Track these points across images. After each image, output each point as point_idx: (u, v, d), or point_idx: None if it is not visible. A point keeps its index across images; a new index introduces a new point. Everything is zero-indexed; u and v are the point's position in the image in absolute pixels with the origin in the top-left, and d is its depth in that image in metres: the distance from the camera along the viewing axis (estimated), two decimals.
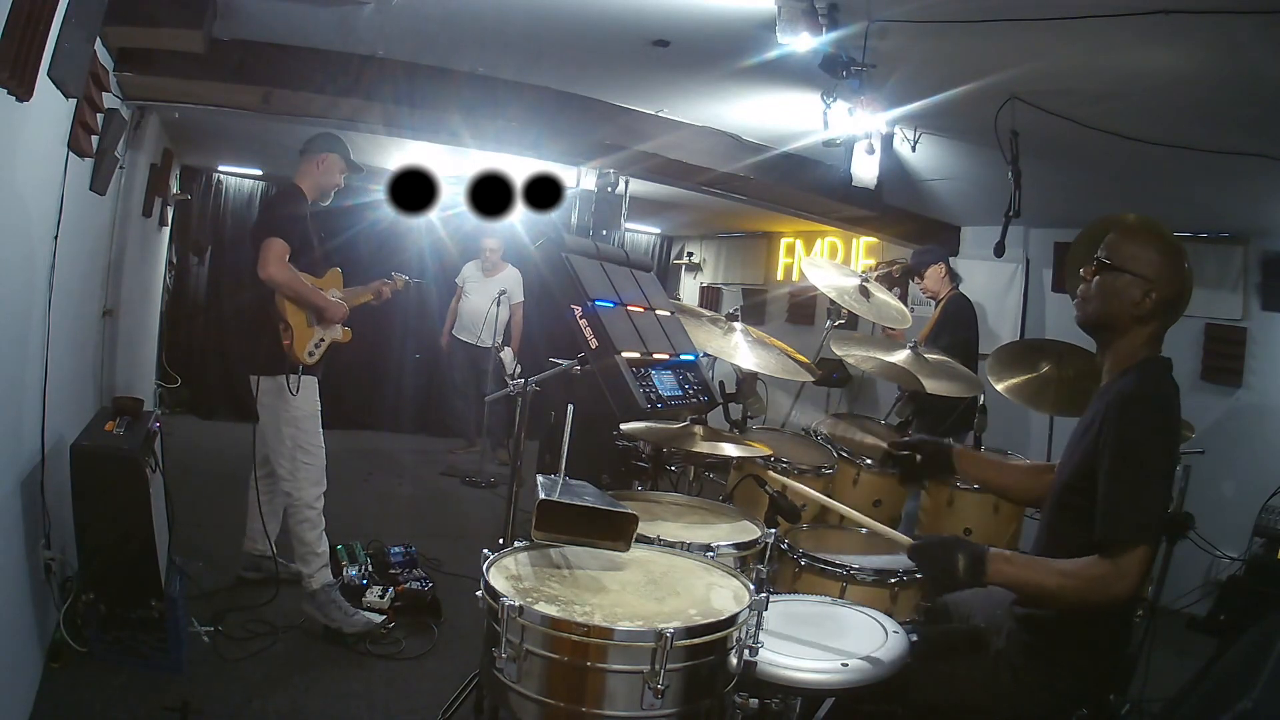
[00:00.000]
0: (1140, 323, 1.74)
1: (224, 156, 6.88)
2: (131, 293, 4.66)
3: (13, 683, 2.30)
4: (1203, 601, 4.19)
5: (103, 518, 2.61)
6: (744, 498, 2.77)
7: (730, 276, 8.59)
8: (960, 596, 2.19)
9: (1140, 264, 1.74)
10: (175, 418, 6.49)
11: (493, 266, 6.50)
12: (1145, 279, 1.72)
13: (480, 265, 6.57)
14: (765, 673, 1.55)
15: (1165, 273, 1.73)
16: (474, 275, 6.59)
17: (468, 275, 6.62)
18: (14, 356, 2.31)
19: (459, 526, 4.99)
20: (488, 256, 6.49)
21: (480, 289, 6.46)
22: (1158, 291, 1.72)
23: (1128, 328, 1.76)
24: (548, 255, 2.18)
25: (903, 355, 3.29)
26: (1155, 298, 1.72)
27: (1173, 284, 1.73)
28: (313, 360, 3.24)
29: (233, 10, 3.14)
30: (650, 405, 2.12)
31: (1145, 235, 1.79)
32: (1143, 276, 1.73)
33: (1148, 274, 1.73)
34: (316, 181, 3.36)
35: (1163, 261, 1.74)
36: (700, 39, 3.11)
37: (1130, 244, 1.77)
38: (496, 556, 1.71)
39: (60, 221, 2.60)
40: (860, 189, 3.45)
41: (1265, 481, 4.06)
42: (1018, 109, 3.25)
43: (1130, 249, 1.76)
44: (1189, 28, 2.45)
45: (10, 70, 1.85)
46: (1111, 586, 1.58)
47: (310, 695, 2.80)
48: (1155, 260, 1.73)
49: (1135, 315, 1.74)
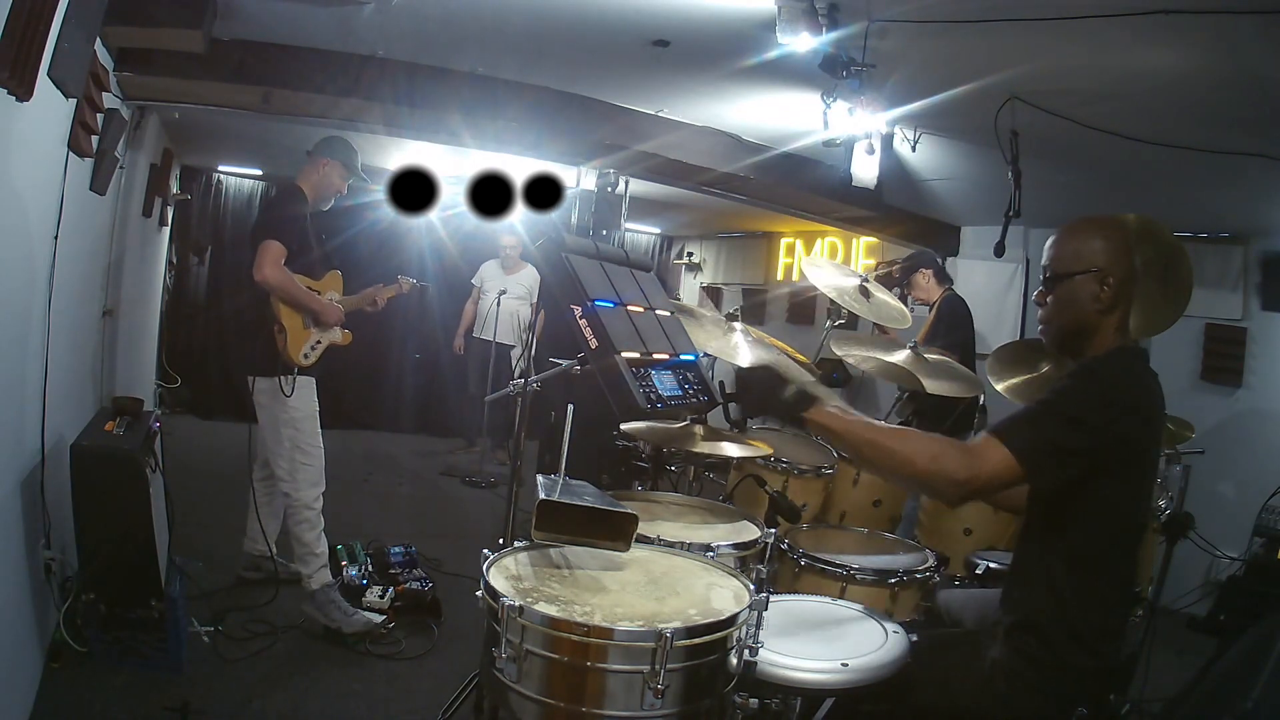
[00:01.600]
0: (1105, 314, 1.71)
1: (224, 156, 6.88)
2: (131, 293, 4.66)
3: (13, 683, 2.30)
4: (1203, 601, 4.20)
5: (103, 518, 2.61)
6: (744, 498, 2.78)
7: (730, 276, 8.59)
8: (956, 598, 2.19)
9: (1084, 259, 1.70)
10: (175, 418, 6.49)
11: (513, 264, 6.46)
12: (1095, 269, 1.68)
13: (501, 263, 6.53)
14: (765, 673, 1.55)
15: (1111, 255, 1.69)
16: (494, 274, 6.52)
17: (486, 275, 6.55)
18: (14, 356, 2.31)
19: (459, 526, 4.99)
20: (508, 254, 6.44)
21: (501, 287, 6.37)
22: (1113, 275, 1.68)
23: (1096, 325, 1.72)
24: (548, 255, 2.18)
25: (903, 355, 3.29)
26: (1112, 282, 1.68)
27: (1121, 263, 1.69)
28: (308, 362, 3.24)
29: (233, 10, 3.14)
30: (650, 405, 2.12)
31: (1076, 230, 1.75)
32: (1092, 269, 1.69)
33: (1096, 264, 1.69)
34: (316, 185, 3.36)
35: (1105, 246, 1.70)
36: (700, 39, 3.11)
37: (1068, 244, 1.73)
38: (496, 556, 1.71)
39: (60, 221, 2.60)
40: (860, 189, 3.45)
41: (1265, 481, 4.06)
42: (1018, 109, 3.25)
43: (1070, 248, 1.72)
44: (1189, 28, 2.45)
45: (10, 70, 1.85)
46: (953, 466, 1.53)
47: (310, 695, 2.80)
48: (1099, 247, 1.70)
49: (1098, 309, 1.70)
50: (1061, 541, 1.68)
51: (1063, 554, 1.67)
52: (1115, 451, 1.60)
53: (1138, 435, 1.64)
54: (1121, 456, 1.62)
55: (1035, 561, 1.74)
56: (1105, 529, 1.66)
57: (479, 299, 6.53)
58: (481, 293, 6.52)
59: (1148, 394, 1.69)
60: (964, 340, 4.47)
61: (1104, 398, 1.60)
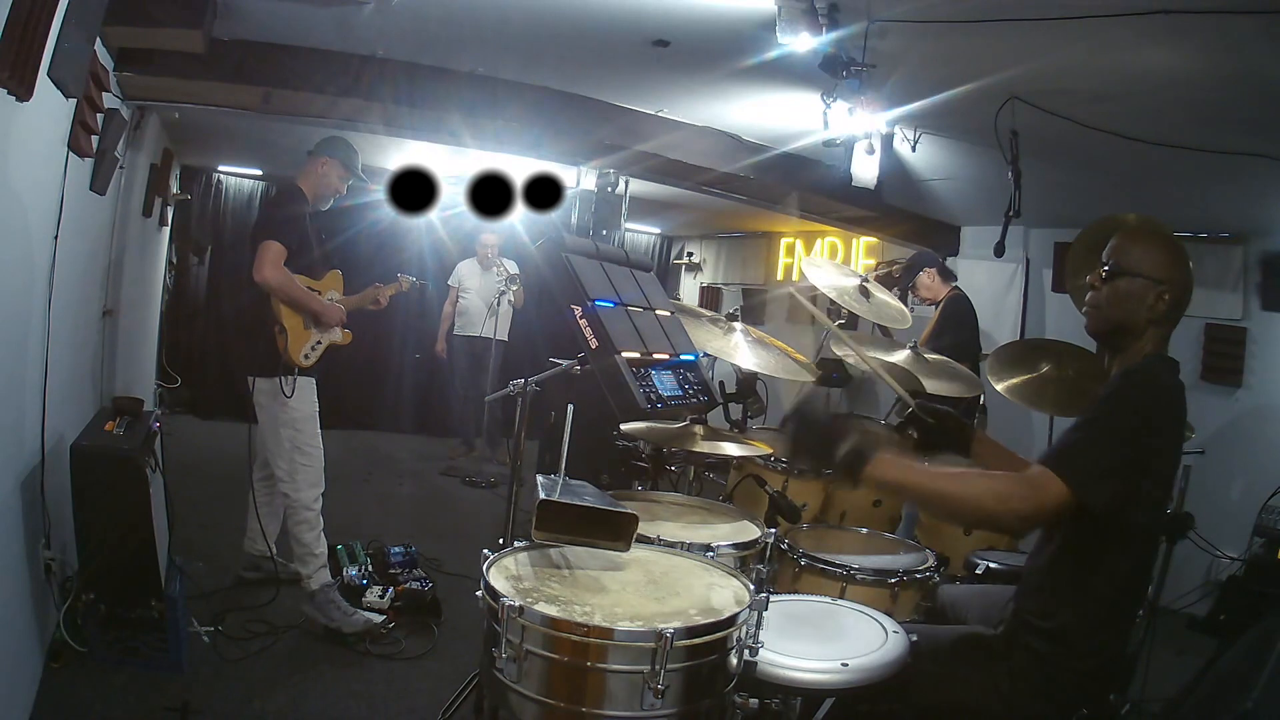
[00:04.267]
0: (1154, 325, 1.75)
1: (224, 156, 6.88)
2: (131, 293, 4.66)
3: (13, 683, 2.30)
4: (1203, 601, 4.19)
5: (103, 518, 2.61)
6: (744, 498, 2.77)
7: (730, 276, 8.59)
8: (958, 596, 2.19)
9: (1150, 266, 1.74)
10: (175, 418, 6.49)
11: (490, 263, 6.48)
12: (1156, 280, 1.72)
13: (478, 261, 6.54)
14: (765, 673, 1.55)
15: (1175, 273, 1.74)
16: (470, 272, 6.55)
17: (463, 274, 6.57)
18: (14, 356, 2.31)
19: (459, 526, 4.99)
20: (487, 253, 6.46)
21: (478, 284, 6.43)
22: (1170, 292, 1.72)
23: (1142, 330, 1.76)
24: (548, 255, 2.18)
25: (903, 355, 3.29)
26: (1169, 298, 1.72)
27: (1181, 283, 1.74)
28: (309, 363, 3.23)
29: (233, 10, 3.14)
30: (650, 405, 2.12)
31: (1150, 237, 1.80)
32: (1154, 278, 1.73)
33: (1159, 275, 1.73)
34: (315, 184, 3.35)
35: (1171, 262, 1.74)
36: (700, 39, 3.11)
37: (1137, 246, 1.77)
38: (496, 556, 1.71)
39: (60, 221, 2.60)
40: (860, 189, 3.45)
41: (1265, 481, 4.06)
42: (1018, 109, 3.25)
43: (1138, 251, 1.76)
44: (1189, 28, 2.45)
45: (10, 70, 1.85)
46: (1019, 504, 1.57)
47: (310, 695, 2.80)
48: (1164, 261, 1.74)
49: (1149, 318, 1.74)
50: (1077, 543, 1.68)
51: (1076, 556, 1.68)
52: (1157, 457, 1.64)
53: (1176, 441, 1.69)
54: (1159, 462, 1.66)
55: (1047, 563, 1.74)
56: (1118, 531, 1.66)
57: (457, 300, 6.54)
58: (461, 292, 6.52)
59: (1181, 401, 1.73)
60: (969, 339, 4.47)
61: (1147, 406, 1.64)
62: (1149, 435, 1.62)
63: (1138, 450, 1.61)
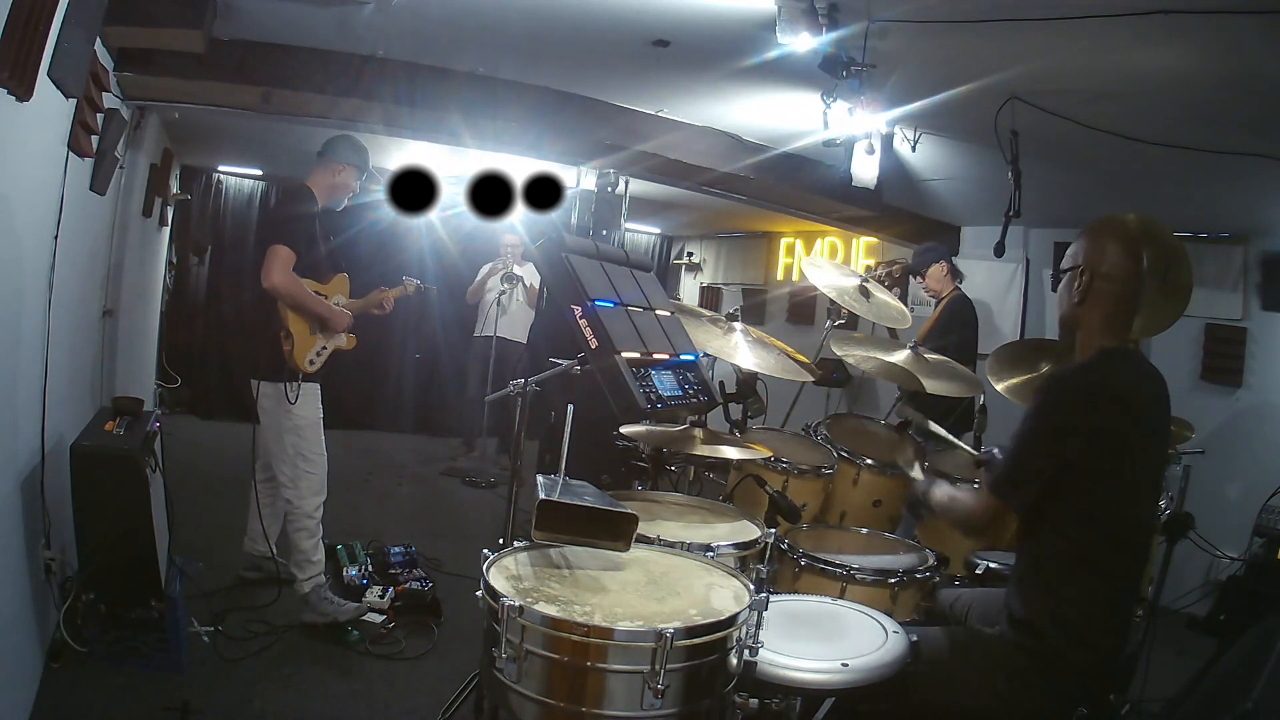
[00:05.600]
0: (1083, 307, 1.79)
1: (224, 156, 6.88)
2: (131, 293, 4.66)
3: (13, 683, 2.30)
4: (1203, 601, 4.20)
5: (103, 518, 2.61)
6: (744, 498, 2.77)
7: (730, 276, 8.59)
8: (960, 596, 2.19)
9: (1072, 258, 1.83)
10: (175, 418, 6.48)
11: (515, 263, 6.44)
12: (1079, 269, 1.80)
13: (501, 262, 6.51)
14: (765, 673, 1.55)
15: (1091, 253, 1.78)
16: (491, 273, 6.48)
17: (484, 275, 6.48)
18: (14, 356, 2.30)
19: (459, 526, 4.99)
20: (511, 253, 6.41)
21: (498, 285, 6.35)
22: (1087, 271, 1.77)
23: (1077, 319, 1.82)
24: (548, 255, 2.18)
25: (903, 355, 3.29)
26: (1085, 278, 1.77)
27: (1102, 261, 1.76)
28: (314, 369, 3.21)
29: (233, 10, 3.14)
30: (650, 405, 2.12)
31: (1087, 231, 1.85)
32: (1075, 268, 1.81)
33: (1078, 263, 1.80)
34: (329, 187, 3.30)
35: (1089, 244, 1.80)
36: (700, 39, 3.11)
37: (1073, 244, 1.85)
38: (496, 556, 1.71)
39: (60, 222, 2.60)
40: (860, 189, 3.45)
41: (1265, 481, 4.06)
42: (1018, 109, 3.25)
43: (1072, 249, 1.85)
44: (1189, 28, 2.45)
45: (10, 70, 1.85)
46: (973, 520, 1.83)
47: (310, 695, 2.80)
48: (1083, 246, 1.81)
49: (1075, 303, 1.80)
50: (1059, 542, 1.69)
51: (1061, 554, 1.69)
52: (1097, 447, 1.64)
53: (1122, 429, 1.67)
54: (1106, 451, 1.65)
55: (1034, 562, 1.75)
56: (1102, 528, 1.66)
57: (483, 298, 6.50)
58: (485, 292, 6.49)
59: (1133, 390, 1.73)
60: (970, 339, 4.47)
61: (1064, 408, 1.69)
62: (1070, 436, 1.66)
63: (1057, 452, 1.67)
